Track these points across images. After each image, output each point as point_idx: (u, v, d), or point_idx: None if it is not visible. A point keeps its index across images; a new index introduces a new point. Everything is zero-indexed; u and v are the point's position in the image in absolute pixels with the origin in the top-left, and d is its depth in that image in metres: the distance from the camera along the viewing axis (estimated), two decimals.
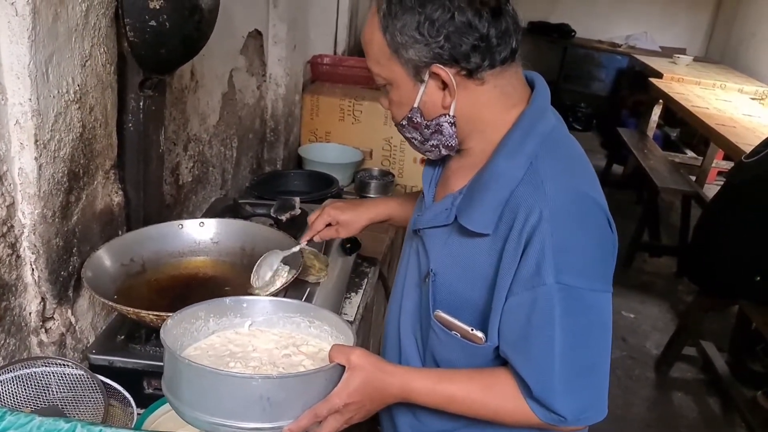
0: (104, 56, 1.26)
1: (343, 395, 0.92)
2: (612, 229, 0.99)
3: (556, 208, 0.92)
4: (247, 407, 0.87)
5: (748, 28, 6.33)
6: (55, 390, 1.17)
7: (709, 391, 3.14)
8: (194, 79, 1.84)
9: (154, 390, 1.25)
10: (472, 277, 1.01)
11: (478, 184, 1.01)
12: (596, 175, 1.02)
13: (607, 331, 0.97)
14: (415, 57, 0.95)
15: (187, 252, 1.49)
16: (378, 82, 1.04)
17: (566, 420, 0.94)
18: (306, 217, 1.80)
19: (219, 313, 1.08)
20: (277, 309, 1.11)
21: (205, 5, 1.36)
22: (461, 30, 0.92)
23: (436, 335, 1.07)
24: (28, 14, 1.04)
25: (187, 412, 0.90)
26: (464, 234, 1.01)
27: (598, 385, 0.97)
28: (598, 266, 0.96)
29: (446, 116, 1.00)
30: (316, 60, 3.01)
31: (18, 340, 1.21)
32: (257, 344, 1.05)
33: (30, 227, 1.16)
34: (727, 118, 3.95)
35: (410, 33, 0.93)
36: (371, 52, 1.00)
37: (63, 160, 1.20)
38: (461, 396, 0.99)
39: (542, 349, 0.93)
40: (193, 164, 1.94)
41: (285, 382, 0.90)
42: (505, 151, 0.99)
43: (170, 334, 0.99)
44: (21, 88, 1.08)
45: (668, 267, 4.34)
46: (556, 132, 1.02)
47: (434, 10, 0.91)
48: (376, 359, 0.98)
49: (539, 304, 0.92)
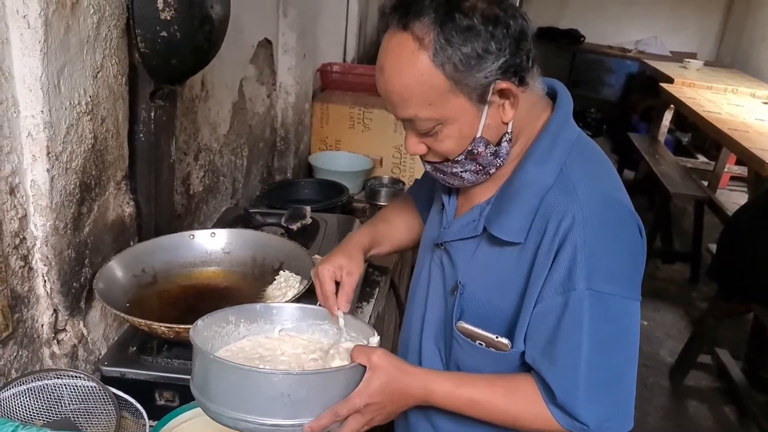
0: (116, 67, 1.26)
1: (363, 395, 0.92)
2: (642, 235, 0.98)
3: (589, 213, 0.92)
4: (269, 403, 0.88)
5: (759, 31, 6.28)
6: (68, 402, 1.17)
7: (725, 400, 3.10)
8: (205, 89, 1.84)
9: (166, 402, 1.25)
10: (502, 287, 1.00)
11: (507, 192, 0.99)
12: (622, 181, 1.02)
13: (635, 340, 0.97)
14: (483, 78, 0.89)
15: (198, 262, 1.49)
16: (424, 127, 0.95)
17: (588, 428, 0.93)
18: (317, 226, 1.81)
19: (249, 319, 1.10)
20: (306, 316, 1.13)
21: (216, 15, 1.36)
22: (519, 39, 0.90)
23: (460, 346, 1.06)
24: (40, 27, 1.04)
25: (212, 408, 0.92)
26: (494, 244, 1.00)
27: (624, 394, 0.96)
28: (629, 273, 0.95)
29: (507, 134, 0.97)
30: (326, 68, 3.01)
31: (30, 352, 1.21)
32: (286, 349, 1.07)
33: (42, 239, 1.16)
34: (740, 123, 3.91)
35: (476, 58, 0.88)
36: (415, 95, 0.91)
37: (75, 171, 1.20)
38: (482, 400, 0.98)
39: (569, 354, 0.92)
40: (203, 174, 1.94)
41: (305, 379, 0.90)
42: (534, 158, 0.98)
43: (200, 335, 1.01)
44: (33, 100, 1.08)
45: (681, 273, 4.30)
46: (581, 138, 1.02)
47: (495, 28, 0.88)
48: (398, 360, 0.97)
49: (570, 309, 0.91)
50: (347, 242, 1.23)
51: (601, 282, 0.91)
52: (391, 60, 0.91)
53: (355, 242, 1.23)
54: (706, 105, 4.35)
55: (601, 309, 0.91)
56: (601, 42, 7.47)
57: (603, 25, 7.44)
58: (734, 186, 5.81)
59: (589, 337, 0.91)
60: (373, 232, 1.28)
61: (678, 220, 4.81)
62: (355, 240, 1.24)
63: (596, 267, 0.91)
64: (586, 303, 0.90)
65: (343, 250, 1.19)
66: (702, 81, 5.13)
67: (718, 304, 3.12)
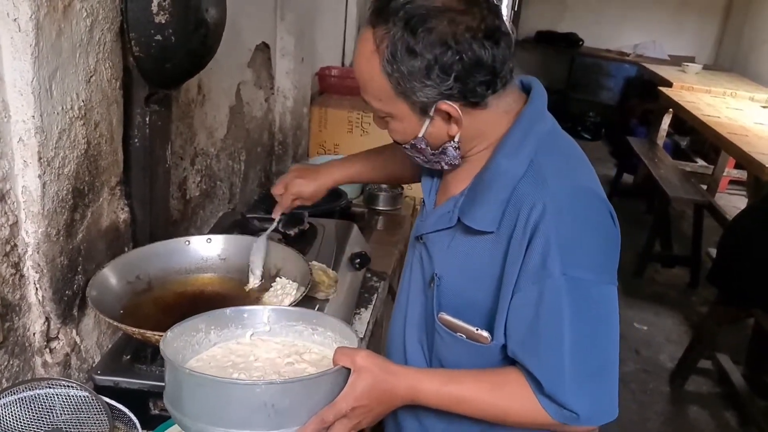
0: (109, 71, 1.24)
1: (349, 399, 0.90)
2: (615, 222, 0.99)
3: (559, 202, 0.93)
4: (252, 415, 0.85)
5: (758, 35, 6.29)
6: (59, 412, 1.14)
7: (726, 405, 3.08)
8: (201, 93, 1.83)
9: (160, 411, 1.23)
10: (477, 278, 1.00)
11: (479, 184, 1.01)
12: (595, 172, 1.03)
13: (615, 324, 0.96)
14: (423, 98, 0.94)
15: (194, 269, 1.47)
16: (376, 113, 1.03)
17: (579, 417, 0.92)
18: (315, 231, 1.79)
19: (220, 325, 1.07)
20: (279, 318, 1.10)
21: (211, 19, 1.35)
22: (470, 69, 0.91)
23: (441, 338, 1.06)
24: (31, 30, 1.02)
25: (191, 425, 0.89)
26: (468, 234, 1.01)
27: (609, 379, 0.96)
28: (603, 258, 0.96)
29: (451, 142, 1.00)
30: (324, 72, 3.00)
31: (22, 361, 1.19)
32: (259, 354, 1.04)
33: (34, 246, 1.14)
34: (739, 127, 3.90)
35: (419, 78, 0.92)
36: (369, 88, 0.98)
37: (67, 177, 1.18)
38: (470, 396, 0.98)
39: (551, 343, 0.92)
40: (200, 179, 1.92)
41: (289, 388, 0.87)
42: (505, 150, 0.99)
43: (170, 347, 0.98)
44: (24, 104, 1.06)
45: (681, 277, 4.29)
46: (554, 130, 1.03)
47: (442, 54, 0.90)
48: (382, 360, 0.96)
49: (546, 297, 0.91)
50: (329, 171, 1.46)
51: (576, 268, 0.91)
52: (357, 50, 0.98)
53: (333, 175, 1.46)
54: (704, 109, 4.35)
55: (578, 295, 0.91)
56: (600, 46, 7.49)
57: (602, 29, 7.45)
58: (733, 190, 5.81)
59: (571, 324, 0.91)
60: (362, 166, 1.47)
61: (677, 224, 4.80)
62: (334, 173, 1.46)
63: (570, 254, 0.91)
64: (564, 290, 0.90)
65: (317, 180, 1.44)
66: (701, 85, 5.14)
67: (719, 308, 3.11)
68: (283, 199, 1.45)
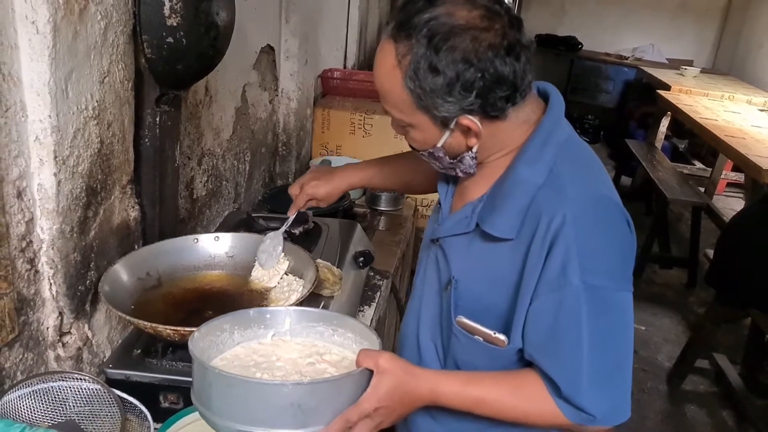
0: (122, 73, 1.27)
1: (373, 400, 0.92)
2: (631, 229, 1.02)
3: (578, 211, 0.94)
4: (278, 415, 0.87)
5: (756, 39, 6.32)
6: (72, 404, 1.17)
7: (723, 404, 3.11)
8: (208, 94, 1.86)
9: (171, 404, 1.25)
10: (495, 283, 1.02)
11: (499, 191, 1.03)
12: (611, 179, 1.05)
13: (630, 330, 0.99)
14: (444, 113, 0.95)
15: (202, 266, 1.50)
16: (397, 123, 1.03)
17: (595, 418, 0.95)
18: (319, 230, 1.82)
19: (243, 325, 1.09)
20: (300, 318, 1.12)
21: (221, 22, 1.38)
22: (491, 86, 0.92)
23: (458, 340, 1.08)
24: (48, 32, 1.05)
25: (218, 422, 0.91)
26: (487, 240, 1.03)
27: (625, 382, 0.99)
28: (620, 266, 0.98)
29: (469, 152, 1.02)
30: (327, 74, 3.03)
31: (36, 354, 1.22)
32: (280, 354, 1.06)
33: (48, 242, 1.17)
34: (737, 130, 3.94)
35: (440, 95, 0.92)
36: (390, 99, 0.99)
37: (81, 175, 1.21)
38: (490, 398, 1.00)
39: (570, 348, 0.94)
40: (207, 178, 1.95)
41: (316, 388, 0.90)
42: (525, 158, 1.01)
43: (197, 346, 1.00)
44: (41, 104, 1.09)
45: (679, 278, 4.32)
46: (572, 139, 1.05)
47: (464, 72, 0.90)
48: (404, 363, 0.98)
49: (566, 304, 0.93)
50: (344, 175, 1.46)
51: (594, 276, 0.93)
52: (378, 62, 0.98)
53: (348, 179, 1.46)
54: (702, 112, 4.38)
55: (597, 302, 0.93)
56: (599, 49, 7.52)
57: (601, 33, 7.49)
58: (731, 192, 5.84)
59: (589, 330, 0.93)
60: (377, 173, 1.48)
61: (675, 226, 4.83)
62: (349, 177, 1.47)
63: (589, 262, 0.93)
64: (583, 297, 0.92)
65: (331, 182, 1.45)
66: (699, 88, 5.17)
67: (716, 309, 3.13)
68: (298, 198, 1.47)
